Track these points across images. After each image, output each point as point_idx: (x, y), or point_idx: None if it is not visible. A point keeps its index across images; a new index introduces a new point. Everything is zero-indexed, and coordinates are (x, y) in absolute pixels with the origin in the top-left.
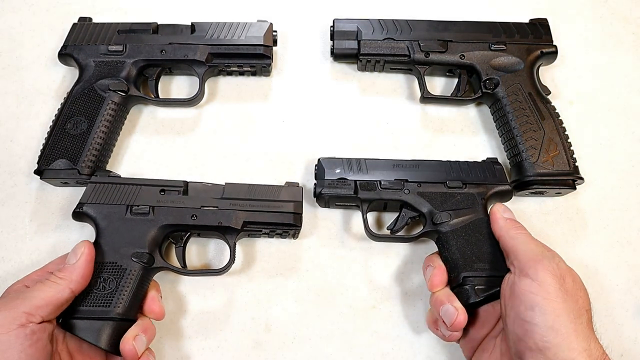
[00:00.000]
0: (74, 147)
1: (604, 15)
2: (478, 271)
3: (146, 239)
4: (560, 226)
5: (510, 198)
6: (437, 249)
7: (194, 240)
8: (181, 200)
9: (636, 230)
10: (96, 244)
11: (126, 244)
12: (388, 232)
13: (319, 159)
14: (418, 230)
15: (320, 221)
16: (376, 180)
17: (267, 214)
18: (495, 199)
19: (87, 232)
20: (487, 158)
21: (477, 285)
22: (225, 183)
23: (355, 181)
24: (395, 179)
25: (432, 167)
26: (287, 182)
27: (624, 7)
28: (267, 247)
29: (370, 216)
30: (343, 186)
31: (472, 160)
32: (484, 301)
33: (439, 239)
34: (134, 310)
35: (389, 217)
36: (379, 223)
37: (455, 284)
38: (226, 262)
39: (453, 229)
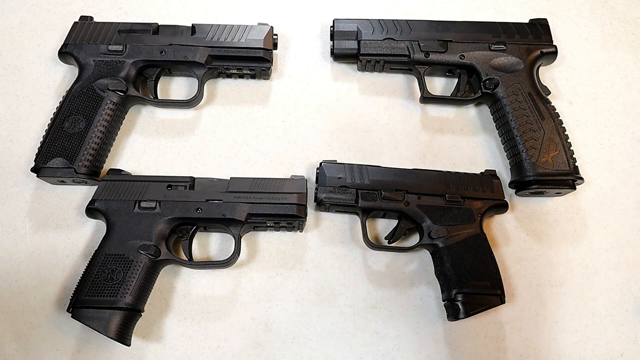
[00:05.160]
0: (71, 146)
1: (604, 15)
2: (470, 288)
3: (153, 231)
4: (560, 226)
5: (506, 211)
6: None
7: (200, 238)
8: (187, 194)
9: (636, 230)
10: (106, 237)
11: (134, 237)
12: (385, 241)
13: (320, 163)
14: (415, 239)
15: (321, 221)
16: (377, 190)
17: (271, 206)
18: (491, 213)
19: (88, 231)
20: (486, 170)
21: (467, 302)
22: (231, 177)
23: (357, 189)
24: (396, 190)
25: (433, 178)
26: (292, 176)
27: (623, 7)
28: (267, 247)
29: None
30: (344, 193)
31: (471, 160)
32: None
33: (434, 252)
34: (142, 301)
35: (386, 221)
36: (375, 226)
37: (446, 299)
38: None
39: (448, 244)
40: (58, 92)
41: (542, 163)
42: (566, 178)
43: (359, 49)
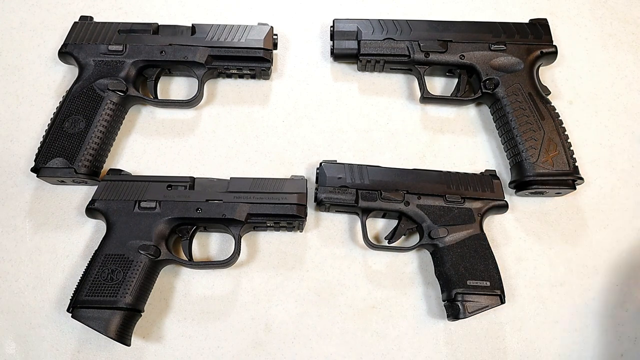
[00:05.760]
0: (71, 146)
1: (604, 15)
2: (470, 288)
3: (153, 232)
4: (560, 226)
5: (506, 211)
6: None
7: (200, 238)
8: (187, 194)
9: (636, 230)
10: (106, 237)
11: (134, 237)
12: (386, 242)
13: (320, 163)
14: (415, 239)
15: (321, 221)
16: (377, 190)
17: (271, 206)
18: (491, 213)
19: (88, 231)
20: (486, 170)
21: (467, 302)
22: (231, 177)
23: (357, 189)
24: (396, 190)
25: (433, 178)
26: (292, 176)
27: (623, 7)
28: (267, 247)
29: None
30: (344, 193)
31: (471, 160)
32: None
33: (434, 252)
34: (142, 302)
35: (386, 221)
36: (375, 226)
37: (446, 299)
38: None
39: (448, 244)
40: (58, 92)
41: (542, 163)
42: (566, 178)
43: (359, 49)
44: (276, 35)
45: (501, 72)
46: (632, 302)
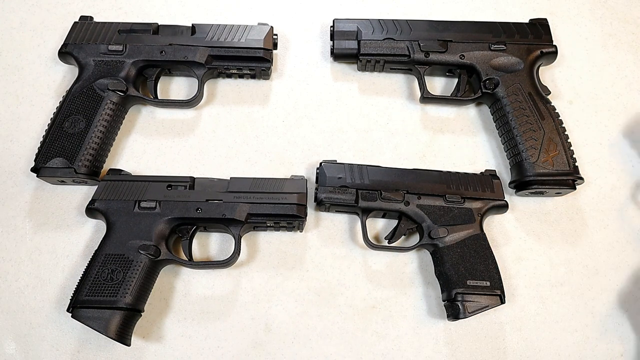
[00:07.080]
0: (71, 145)
1: (604, 15)
2: (470, 288)
3: (153, 232)
4: (560, 226)
5: (506, 211)
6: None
7: (200, 238)
8: (187, 194)
9: (636, 230)
10: (106, 237)
11: (134, 237)
12: (385, 242)
13: (320, 163)
14: (415, 239)
15: (321, 221)
16: (377, 190)
17: (271, 206)
18: (491, 213)
19: (88, 231)
20: (486, 170)
21: (467, 302)
22: (231, 177)
23: (357, 189)
24: (396, 190)
25: (433, 178)
26: (292, 176)
27: (623, 7)
28: (267, 247)
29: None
30: (344, 193)
31: (471, 160)
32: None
33: (434, 252)
34: (142, 302)
35: (386, 221)
36: (375, 226)
37: (446, 299)
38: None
39: (448, 244)
40: (58, 92)
41: (542, 163)
42: (566, 178)
43: (359, 48)
44: (276, 35)
45: (501, 72)
46: (632, 301)
